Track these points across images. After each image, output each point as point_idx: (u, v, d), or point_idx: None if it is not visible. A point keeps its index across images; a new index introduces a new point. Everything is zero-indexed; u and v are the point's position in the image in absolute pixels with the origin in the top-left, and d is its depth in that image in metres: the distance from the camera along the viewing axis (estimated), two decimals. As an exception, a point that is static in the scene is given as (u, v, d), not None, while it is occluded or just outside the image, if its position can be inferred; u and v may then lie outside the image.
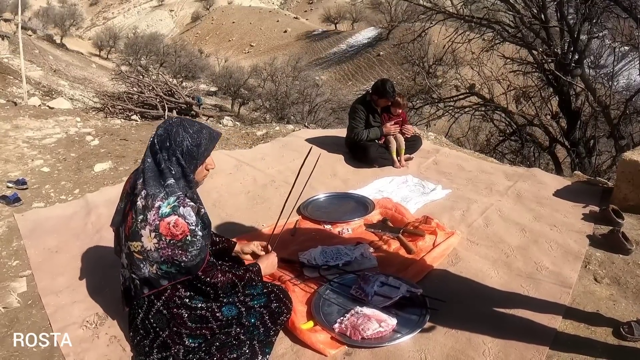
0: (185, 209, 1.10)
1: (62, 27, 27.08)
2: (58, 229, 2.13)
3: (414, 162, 2.90)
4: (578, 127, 6.03)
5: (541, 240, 1.98)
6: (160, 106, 4.82)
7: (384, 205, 2.10)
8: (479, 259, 1.81)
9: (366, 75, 25.65)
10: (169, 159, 1.13)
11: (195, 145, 1.15)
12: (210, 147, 1.19)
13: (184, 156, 1.14)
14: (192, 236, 1.10)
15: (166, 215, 1.09)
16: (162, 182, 1.12)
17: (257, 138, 3.54)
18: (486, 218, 2.15)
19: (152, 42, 21.63)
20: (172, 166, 1.13)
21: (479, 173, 2.79)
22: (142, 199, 1.12)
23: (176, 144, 1.13)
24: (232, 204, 2.23)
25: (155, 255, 1.10)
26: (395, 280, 1.48)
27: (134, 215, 1.13)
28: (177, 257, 1.10)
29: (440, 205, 2.25)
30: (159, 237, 1.09)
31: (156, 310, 1.17)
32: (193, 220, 1.11)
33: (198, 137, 1.15)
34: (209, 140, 1.18)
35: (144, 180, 1.14)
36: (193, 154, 1.15)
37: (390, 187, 2.41)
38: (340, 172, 2.71)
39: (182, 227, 1.08)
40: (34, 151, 3.41)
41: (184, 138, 1.14)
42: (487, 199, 2.37)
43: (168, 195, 1.11)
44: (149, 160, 1.15)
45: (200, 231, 1.12)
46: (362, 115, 2.87)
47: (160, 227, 1.09)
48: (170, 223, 1.08)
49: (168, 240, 1.09)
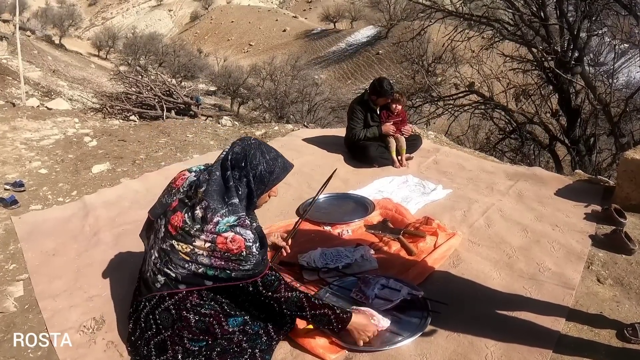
0: (243, 229, 1.11)
1: (60, 27, 27.02)
2: (55, 232, 2.12)
3: (414, 162, 2.88)
4: (578, 125, 6.02)
5: (543, 240, 1.97)
6: (158, 106, 4.79)
7: (384, 206, 2.08)
8: (480, 260, 1.79)
9: (365, 74, 25.60)
10: (239, 179, 1.14)
11: (268, 171, 1.16)
12: (281, 177, 1.21)
13: (255, 179, 1.15)
14: (248, 252, 1.10)
15: (224, 231, 1.09)
16: (226, 200, 1.13)
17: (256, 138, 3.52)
18: (487, 218, 2.13)
19: (151, 42, 21.59)
20: (241, 186, 1.14)
21: (479, 172, 2.78)
22: (201, 209, 1.12)
23: (251, 167, 1.14)
24: (231, 206, 2.21)
25: (206, 262, 1.11)
26: (396, 282, 1.46)
27: (187, 220, 1.13)
28: (230, 268, 1.10)
29: (441, 206, 2.23)
30: (213, 248, 1.09)
31: (165, 307, 1.15)
32: (251, 237, 1.11)
33: (273, 164, 1.17)
34: (282, 169, 1.20)
35: (206, 191, 1.13)
36: (264, 180, 1.16)
37: (391, 187, 2.39)
38: (340, 172, 2.68)
39: (238, 243, 1.09)
40: (32, 152, 3.39)
41: (260, 162, 1.15)
42: (488, 199, 2.35)
43: (230, 213, 1.11)
44: (217, 174, 1.15)
45: (257, 249, 1.12)
46: (360, 115, 2.85)
47: (217, 240, 1.09)
48: (228, 238, 1.09)
49: (222, 253, 1.09)
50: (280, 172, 1.19)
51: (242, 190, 1.14)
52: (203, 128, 3.75)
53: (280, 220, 2.05)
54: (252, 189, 1.15)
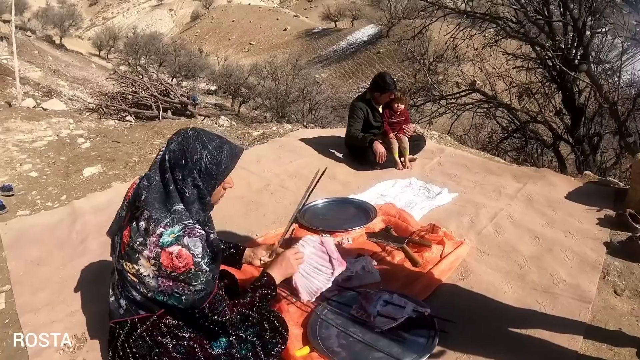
0: (191, 239, 0.96)
1: (61, 27, 27.01)
2: (42, 239, 2.02)
3: (417, 163, 2.76)
4: (582, 124, 5.91)
5: (556, 248, 1.86)
6: (155, 106, 4.69)
7: (387, 212, 1.97)
8: (490, 271, 1.68)
9: (366, 72, 25.48)
10: (183, 180, 0.98)
11: (214, 163, 1.00)
12: (231, 166, 1.05)
13: (201, 176, 0.99)
14: (197, 269, 0.96)
15: (168, 245, 0.95)
16: (169, 207, 0.98)
17: (254, 139, 3.40)
18: (496, 224, 2.02)
19: (151, 42, 21.53)
20: (187, 187, 0.98)
21: (486, 174, 2.66)
22: (144, 220, 0.98)
23: (193, 163, 0.98)
24: (224, 211, 2.09)
25: (153, 284, 0.97)
26: (400, 298, 1.35)
27: (132, 235, 0.99)
28: (179, 290, 0.96)
29: (447, 211, 2.11)
30: (158, 266, 0.95)
31: (138, 335, 1.04)
32: (199, 251, 0.96)
33: (218, 154, 1.01)
34: (230, 157, 1.03)
35: (146, 199, 0.98)
36: (212, 174, 1.00)
37: (393, 191, 2.27)
38: (340, 175, 2.57)
39: (185, 259, 0.94)
40: (23, 155, 3.30)
41: (203, 155, 0.99)
42: (496, 203, 2.24)
43: (173, 222, 0.96)
44: (156, 179, 1.00)
45: (206, 264, 0.98)
46: (361, 115, 2.73)
47: (161, 256, 0.95)
48: (173, 254, 0.94)
49: (168, 272, 0.95)
50: (229, 160, 1.03)
51: (190, 192, 0.99)
52: (199, 129, 3.64)
53: (276, 227, 1.94)
54: (200, 186, 0.99)
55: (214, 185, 1.03)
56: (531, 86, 6.48)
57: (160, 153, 1.03)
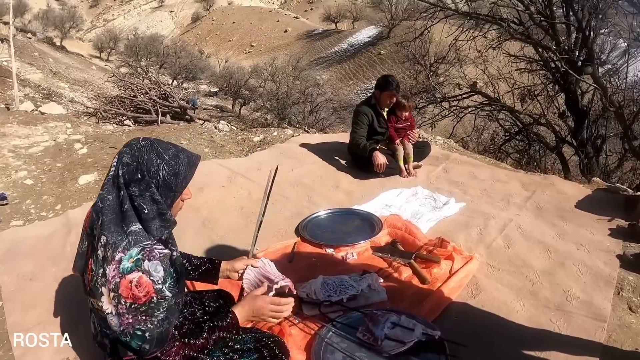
0: (151, 262, 0.87)
1: (62, 29, 27.07)
2: (35, 252, 1.95)
3: (422, 171, 2.68)
4: (586, 127, 5.86)
5: (568, 262, 1.79)
6: (153, 110, 4.62)
7: (392, 224, 1.89)
8: (501, 288, 1.61)
9: (367, 74, 25.43)
10: (140, 195, 0.90)
11: (173, 174, 0.93)
12: (189, 175, 0.97)
13: (159, 189, 0.92)
14: (159, 297, 0.88)
15: (128, 272, 0.86)
16: (125, 228, 0.89)
17: (254, 144, 3.33)
18: (506, 237, 1.95)
19: (152, 44, 21.51)
20: (145, 204, 0.90)
21: (493, 182, 2.59)
22: (101, 248, 0.89)
23: (150, 176, 0.90)
24: (224, 223, 2.02)
25: (115, 323, 0.88)
26: (408, 319, 1.27)
27: (93, 267, 0.91)
28: (141, 326, 0.87)
29: (454, 222, 2.04)
30: (117, 299, 0.87)
31: None
32: (160, 276, 0.88)
33: (176, 164, 0.93)
34: (188, 166, 0.96)
35: (102, 223, 0.90)
36: (171, 186, 0.93)
37: (399, 200, 2.20)
38: (343, 183, 2.50)
39: (146, 287, 0.86)
40: (19, 161, 3.23)
41: (160, 167, 0.91)
42: (505, 214, 2.17)
43: (131, 245, 0.87)
44: (109, 198, 0.91)
45: (169, 289, 0.89)
46: (365, 120, 2.65)
47: (120, 286, 0.86)
48: (133, 282, 0.86)
49: (129, 305, 0.86)
50: (187, 170, 0.96)
51: (149, 209, 0.90)
52: (198, 133, 3.58)
53: (277, 241, 1.86)
54: (159, 201, 0.91)
55: (174, 198, 0.96)
56: (533, 88, 6.43)
57: (112, 169, 0.93)
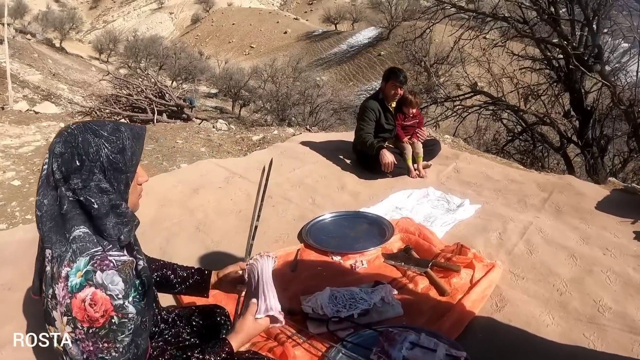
0: (105, 273, 0.69)
1: (61, 30, 27.10)
2: (16, 258, 1.79)
3: (432, 170, 2.53)
4: (591, 126, 5.75)
5: (596, 269, 1.66)
6: (149, 109, 4.47)
7: (405, 229, 1.72)
8: (528, 299, 1.45)
9: (367, 75, 25.36)
10: (85, 187, 0.71)
11: (117, 151, 0.74)
12: (138, 150, 0.78)
13: (107, 173, 0.73)
14: (121, 316, 0.70)
15: (78, 289, 0.68)
16: (67, 235, 0.71)
17: (253, 144, 3.18)
18: (528, 242, 1.79)
19: (151, 45, 21.47)
20: (93, 197, 0.71)
21: (507, 182, 2.44)
22: (48, 264, 0.72)
23: (91, 159, 0.72)
24: (220, 227, 1.86)
25: (76, 351, 0.71)
26: (429, 338, 1.11)
27: (44, 288, 0.74)
28: (103, 354, 0.69)
29: (471, 226, 1.88)
30: (73, 323, 0.69)
31: None
32: (120, 289, 0.69)
33: (118, 138, 0.75)
34: (133, 139, 0.77)
35: (43, 235, 0.72)
36: (119, 166, 0.74)
37: (409, 202, 2.03)
38: (349, 184, 2.34)
39: (102, 305, 0.68)
40: (8, 161, 3.08)
41: (100, 146, 0.73)
42: (524, 216, 2.02)
43: (76, 255, 0.69)
44: (45, 203, 0.73)
45: (133, 304, 0.71)
46: (372, 116, 2.49)
47: (72, 307, 0.68)
48: (86, 301, 0.68)
49: (86, 329, 0.69)
50: (134, 144, 0.77)
51: (99, 202, 0.72)
52: (195, 133, 3.42)
53: (279, 247, 1.70)
54: (110, 190, 0.73)
55: (127, 182, 0.76)
56: (537, 88, 6.35)
57: (45, 167, 0.75)
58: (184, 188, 2.20)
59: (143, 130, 0.80)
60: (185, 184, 2.25)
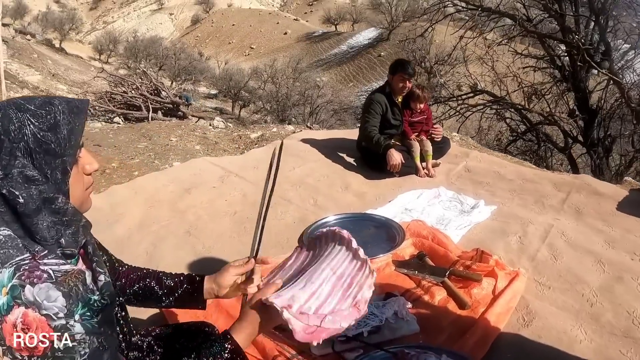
0: (36, 287, 0.53)
1: (61, 31, 27.11)
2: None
3: (441, 169, 2.37)
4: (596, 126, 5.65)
5: (626, 276, 1.51)
6: (144, 107, 4.32)
7: (417, 233, 1.56)
8: (556, 311, 1.30)
9: (367, 76, 25.31)
10: (5, 177, 0.55)
11: (48, 128, 0.57)
12: (77, 127, 0.60)
13: (34, 157, 0.57)
14: (65, 339, 0.54)
15: (6, 311, 0.53)
16: None
17: (251, 141, 3.02)
18: (550, 246, 1.64)
19: (151, 45, 21.41)
20: (16, 188, 0.55)
21: (522, 182, 2.29)
22: None
23: (11, 139, 0.56)
24: (213, 231, 1.70)
25: None
26: (451, 360, 0.95)
27: None
28: None
29: (488, 229, 1.72)
30: (10, 353, 0.54)
31: None
32: (59, 306, 0.53)
33: (49, 112, 0.58)
34: (70, 114, 0.59)
35: None
36: (50, 147, 0.57)
37: (420, 203, 1.87)
38: (353, 184, 2.18)
39: (38, 329, 0.53)
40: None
41: (23, 122, 0.56)
42: (543, 218, 1.87)
43: None
44: None
45: (82, 322, 0.55)
46: (378, 109, 2.32)
47: (4, 335, 0.53)
48: (17, 325, 0.53)
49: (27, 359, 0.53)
50: (71, 119, 0.59)
51: (26, 195, 0.55)
52: (191, 130, 3.27)
53: (277, 252, 1.54)
54: (39, 179, 0.57)
55: (64, 168, 0.58)
56: (540, 87, 6.26)
57: None
58: (175, 188, 2.05)
59: (84, 104, 0.63)
60: (176, 183, 2.10)
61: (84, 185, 0.63)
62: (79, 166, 0.61)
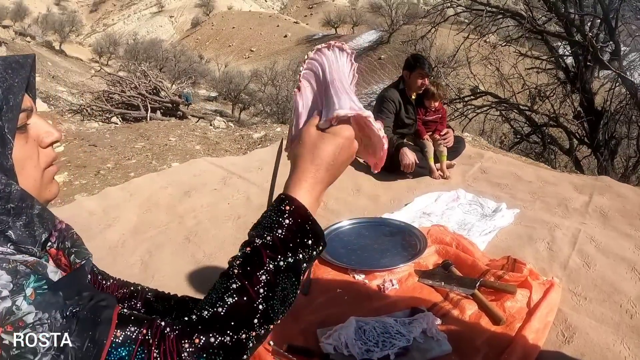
0: None
1: (61, 33, 27.12)
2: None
3: (456, 171, 2.25)
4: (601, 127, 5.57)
5: None
6: (142, 106, 4.20)
7: (439, 239, 1.43)
8: (597, 325, 1.18)
9: (367, 79, 25.24)
10: None
11: None
12: (17, 85, 0.44)
13: None
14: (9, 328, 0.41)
15: None
16: None
17: (254, 142, 2.90)
18: (581, 253, 1.52)
19: (151, 48, 21.37)
20: None
21: (542, 184, 2.18)
22: None
23: None
24: (214, 237, 1.57)
25: None
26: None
27: None
28: None
29: (514, 235, 1.59)
30: None
31: None
32: (3, 281, 0.38)
33: None
34: (5, 70, 0.44)
35: None
36: None
37: (438, 207, 1.75)
38: (366, 187, 2.05)
39: None
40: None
41: None
42: (569, 222, 1.75)
43: None
44: None
45: (34, 298, 0.39)
46: (391, 108, 2.19)
47: None
48: None
49: None
50: (8, 75, 0.44)
51: None
52: (191, 130, 3.14)
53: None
54: None
55: (2, 136, 0.43)
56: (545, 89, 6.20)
57: None
58: (173, 190, 1.92)
59: (28, 60, 0.48)
60: (175, 185, 1.97)
61: (41, 161, 0.48)
62: (30, 136, 0.46)
